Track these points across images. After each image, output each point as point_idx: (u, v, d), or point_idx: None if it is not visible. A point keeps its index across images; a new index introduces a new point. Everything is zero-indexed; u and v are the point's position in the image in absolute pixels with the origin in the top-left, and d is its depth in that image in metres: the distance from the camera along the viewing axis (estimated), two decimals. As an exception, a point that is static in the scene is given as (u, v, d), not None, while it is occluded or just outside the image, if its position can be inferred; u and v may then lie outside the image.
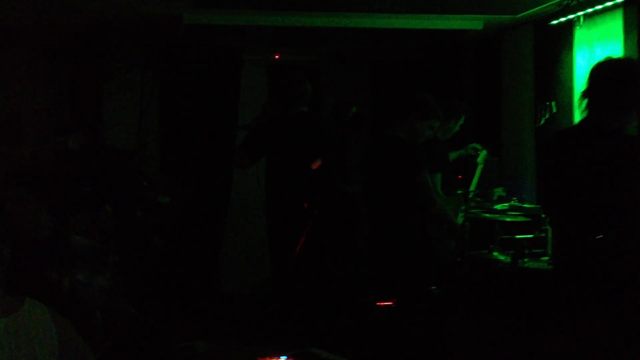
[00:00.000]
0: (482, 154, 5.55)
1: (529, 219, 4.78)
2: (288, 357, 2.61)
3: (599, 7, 4.77)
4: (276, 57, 7.62)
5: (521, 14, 5.48)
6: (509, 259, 4.50)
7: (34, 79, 6.50)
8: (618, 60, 3.20)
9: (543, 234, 4.68)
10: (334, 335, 4.01)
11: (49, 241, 3.11)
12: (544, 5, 5.19)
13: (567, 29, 5.31)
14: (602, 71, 3.07)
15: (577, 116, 5.30)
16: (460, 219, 4.93)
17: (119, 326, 3.50)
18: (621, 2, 4.64)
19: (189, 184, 5.70)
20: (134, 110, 6.29)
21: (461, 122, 5.41)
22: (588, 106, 3.09)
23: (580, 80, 5.27)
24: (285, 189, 4.45)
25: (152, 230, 5.17)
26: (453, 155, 5.61)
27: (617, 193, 2.92)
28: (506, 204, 5.12)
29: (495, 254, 4.65)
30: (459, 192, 4.98)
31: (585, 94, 3.13)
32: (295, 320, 3.96)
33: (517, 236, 4.76)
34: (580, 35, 5.22)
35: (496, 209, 5.03)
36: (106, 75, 6.37)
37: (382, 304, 3.82)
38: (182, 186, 5.44)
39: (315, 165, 3.44)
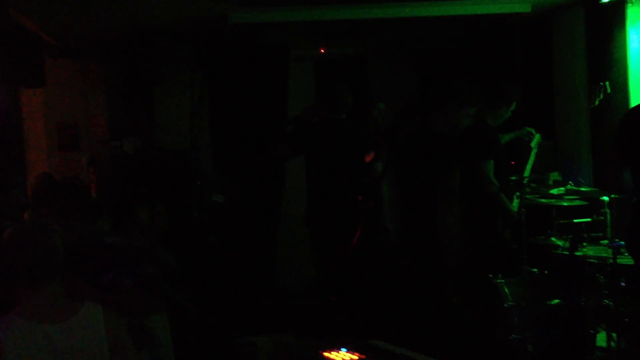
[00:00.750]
0: (536, 138, 5.45)
1: (587, 203, 4.68)
2: (348, 350, 2.62)
3: (652, -18, 4.64)
4: (322, 51, 7.63)
5: (570, -6, 5.37)
6: (567, 244, 4.42)
7: (88, 87, 6.68)
8: None
9: (602, 217, 4.58)
10: (393, 326, 4.02)
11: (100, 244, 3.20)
12: (594, -16, 5.07)
13: (619, 7, 5.17)
14: None
15: (633, 95, 5.18)
16: (515, 205, 4.87)
17: (180, 323, 3.57)
18: (675, -23, 4.50)
19: (242, 181, 5.77)
20: (185, 112, 6.40)
21: (513, 107, 5.32)
22: None
23: (634, 58, 5.13)
24: (336, 187, 4.50)
25: (208, 228, 5.26)
26: (506, 138, 5.52)
27: None
28: (562, 188, 5.02)
29: (553, 239, 4.57)
30: (513, 178, 4.91)
31: None
32: (353, 312, 3.98)
33: (575, 220, 4.67)
34: (633, 13, 5.08)
35: (552, 194, 4.94)
36: (157, 79, 6.49)
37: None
38: (235, 184, 5.51)
39: (369, 158, 3.45)
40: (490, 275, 4.24)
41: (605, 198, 4.39)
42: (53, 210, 3.44)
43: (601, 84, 5.39)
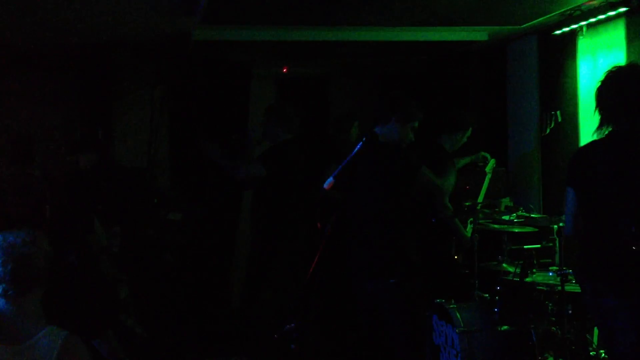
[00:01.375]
0: (491, 163, 5.57)
1: (537, 229, 4.79)
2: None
3: (602, 16, 4.80)
4: (284, 70, 7.68)
5: (525, 25, 5.51)
6: (518, 270, 4.51)
7: (44, 99, 6.58)
8: (624, 67, 3.26)
9: (551, 244, 4.69)
10: (351, 353, 4.04)
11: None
12: (548, 16, 5.21)
13: (571, 39, 5.33)
14: (613, 81, 3.15)
15: (582, 125, 5.33)
16: (469, 231, 4.96)
17: (129, 345, 3.55)
18: (624, 12, 4.66)
19: (200, 200, 5.75)
20: (145, 128, 6.36)
21: (468, 133, 5.44)
22: (609, 117, 3.15)
23: (584, 89, 5.29)
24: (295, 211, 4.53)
25: (164, 247, 5.23)
26: (461, 162, 5.63)
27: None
28: (514, 215, 5.14)
29: (504, 265, 4.66)
30: (467, 203, 5.00)
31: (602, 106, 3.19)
32: (310, 339, 3.99)
33: (525, 246, 4.77)
34: (584, 44, 5.24)
35: (504, 220, 5.05)
36: (116, 94, 6.45)
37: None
38: (193, 203, 5.49)
39: (329, 186, 3.47)
40: (443, 300, 4.31)
41: (554, 226, 4.49)
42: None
43: (552, 113, 5.54)
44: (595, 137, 3.25)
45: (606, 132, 3.19)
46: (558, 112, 5.49)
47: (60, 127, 6.53)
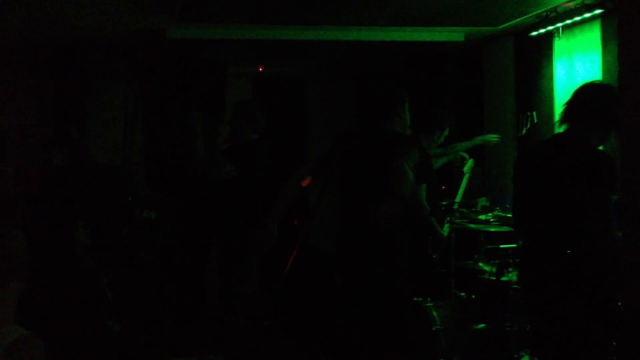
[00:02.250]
0: (469, 163, 5.59)
1: (512, 229, 4.82)
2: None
3: (578, 18, 4.85)
4: (260, 69, 7.66)
5: (501, 26, 5.55)
6: (494, 269, 4.54)
7: (18, 95, 6.49)
8: (603, 84, 3.44)
9: (517, 243, 4.73)
10: (327, 350, 4.03)
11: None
12: (524, 17, 5.26)
13: (547, 40, 5.38)
14: (589, 92, 3.29)
15: (557, 126, 5.38)
16: (446, 230, 4.97)
17: (106, 343, 3.50)
18: (599, 14, 4.71)
19: (175, 198, 5.70)
20: (119, 125, 6.29)
21: (446, 133, 5.46)
22: (570, 121, 3.26)
23: (560, 90, 5.34)
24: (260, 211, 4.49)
25: (138, 245, 5.17)
26: (439, 162, 5.64)
27: (583, 206, 3.08)
28: (490, 214, 5.17)
29: (480, 264, 4.69)
30: (444, 202, 5.02)
31: (569, 111, 3.28)
32: (286, 337, 3.97)
33: (502, 246, 4.81)
34: (560, 46, 5.30)
35: (480, 219, 5.07)
36: (90, 91, 6.37)
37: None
38: (167, 201, 5.44)
39: (305, 183, 3.46)
40: (420, 299, 4.32)
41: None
42: None
43: (528, 114, 5.59)
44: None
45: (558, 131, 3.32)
46: (534, 113, 5.54)
47: (34, 124, 6.44)
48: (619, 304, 3.07)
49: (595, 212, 3.04)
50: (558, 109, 5.31)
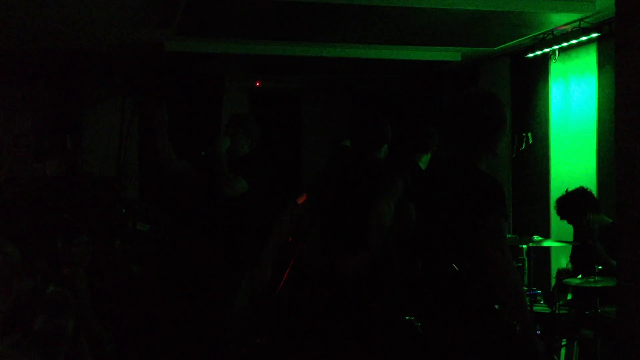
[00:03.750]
0: None
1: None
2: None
3: (574, 41, 4.88)
4: (257, 84, 7.67)
5: (498, 47, 5.58)
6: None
7: (12, 104, 6.46)
8: (463, 95, 3.15)
9: (519, 264, 4.72)
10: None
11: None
12: (521, 39, 5.29)
13: (543, 62, 5.42)
14: (456, 111, 3.06)
15: (553, 147, 5.41)
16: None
17: (97, 355, 3.47)
18: (596, 37, 4.75)
19: (168, 211, 5.67)
20: (114, 137, 6.26)
21: None
22: (451, 144, 3.03)
23: (556, 112, 5.37)
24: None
25: (131, 257, 5.14)
26: None
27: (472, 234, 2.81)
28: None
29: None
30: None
31: (447, 134, 3.14)
32: (278, 355, 3.93)
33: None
34: (556, 68, 5.33)
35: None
36: (86, 101, 6.36)
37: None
38: (161, 214, 5.42)
39: (301, 200, 3.44)
40: (411, 318, 4.29)
41: (524, 246, 4.53)
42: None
43: (524, 134, 5.61)
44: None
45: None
46: (529, 134, 5.56)
47: (29, 133, 6.41)
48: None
49: (488, 242, 2.73)
50: (553, 130, 5.38)
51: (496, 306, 2.81)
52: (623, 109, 2.81)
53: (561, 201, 4.43)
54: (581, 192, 4.38)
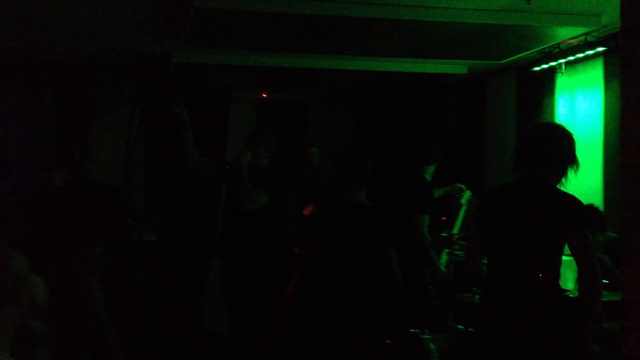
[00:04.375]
0: (466, 194, 5.58)
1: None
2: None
3: (581, 55, 4.89)
4: (264, 95, 7.71)
5: (504, 60, 5.60)
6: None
7: (21, 114, 6.51)
8: (550, 124, 3.48)
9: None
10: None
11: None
12: (527, 53, 5.31)
13: (549, 76, 5.43)
14: (539, 135, 3.27)
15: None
16: (443, 262, 4.96)
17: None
18: (602, 52, 4.76)
19: (175, 222, 5.69)
20: (121, 147, 6.31)
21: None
22: (526, 165, 3.24)
23: (562, 126, 5.37)
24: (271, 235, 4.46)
25: (137, 267, 5.16)
26: (437, 193, 5.64)
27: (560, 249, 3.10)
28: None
29: (477, 297, 4.66)
30: (444, 234, 5.01)
31: (523, 155, 3.28)
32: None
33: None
34: (562, 82, 5.34)
35: (479, 252, 5.04)
36: (94, 111, 6.40)
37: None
38: (167, 224, 5.44)
39: (307, 211, 3.46)
40: (417, 331, 4.29)
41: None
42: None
43: (530, 148, 5.60)
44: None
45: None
46: (535, 147, 5.55)
47: (36, 143, 6.45)
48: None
49: (579, 254, 3.04)
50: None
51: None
52: (629, 124, 2.81)
53: None
54: (591, 209, 4.37)
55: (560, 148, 3.19)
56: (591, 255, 3.04)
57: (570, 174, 3.25)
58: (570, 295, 3.45)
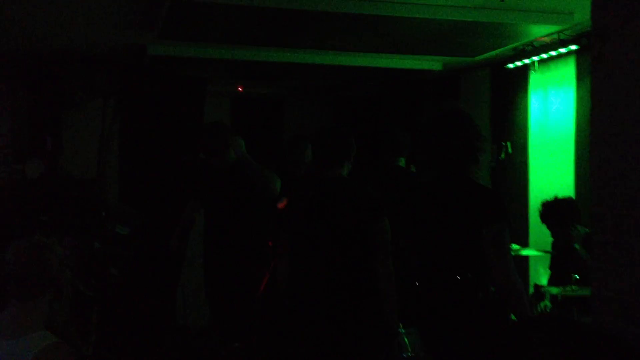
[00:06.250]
0: None
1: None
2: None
3: (553, 53, 4.96)
4: (240, 89, 7.68)
5: (479, 57, 5.65)
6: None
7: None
8: (450, 112, 3.20)
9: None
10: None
11: None
12: (501, 50, 5.36)
13: (523, 73, 5.49)
14: (436, 128, 3.11)
15: (532, 157, 5.47)
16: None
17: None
18: (574, 50, 4.83)
19: (148, 214, 5.65)
20: (95, 139, 6.24)
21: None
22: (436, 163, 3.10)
23: (535, 122, 5.44)
24: (248, 230, 4.44)
25: (109, 260, 5.11)
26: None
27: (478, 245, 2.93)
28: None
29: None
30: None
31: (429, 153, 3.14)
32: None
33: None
34: (535, 79, 5.41)
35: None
36: (67, 103, 6.33)
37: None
38: (140, 217, 5.40)
39: (282, 205, 3.43)
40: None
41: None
42: None
43: (503, 144, 5.67)
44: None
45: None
46: (509, 143, 5.63)
47: (8, 134, 6.37)
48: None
49: (493, 249, 2.89)
50: (532, 139, 5.45)
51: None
52: (598, 121, 2.87)
53: (549, 206, 4.41)
54: (569, 202, 4.42)
55: (454, 138, 3.01)
56: (501, 251, 2.89)
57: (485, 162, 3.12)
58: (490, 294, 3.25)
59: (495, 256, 2.88)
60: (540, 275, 5.06)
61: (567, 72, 5.05)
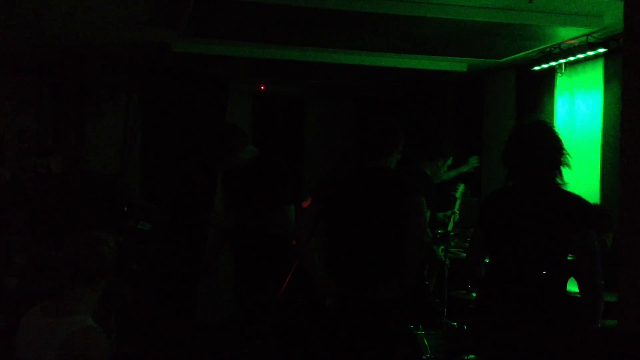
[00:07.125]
0: (460, 188, 5.58)
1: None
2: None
3: (581, 56, 4.89)
4: (262, 87, 7.70)
5: (504, 59, 5.60)
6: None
7: (18, 100, 6.47)
8: (537, 123, 3.37)
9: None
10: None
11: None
12: (527, 52, 5.31)
13: (549, 76, 5.43)
14: (530, 135, 3.26)
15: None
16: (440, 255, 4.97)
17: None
18: (603, 53, 4.76)
19: (170, 211, 5.68)
20: (118, 135, 6.28)
21: (449, 162, 5.46)
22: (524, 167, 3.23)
23: (561, 126, 5.38)
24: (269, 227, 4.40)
25: (131, 256, 5.13)
26: (452, 174, 5.67)
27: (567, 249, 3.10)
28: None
29: (473, 294, 4.67)
30: (440, 230, 5.02)
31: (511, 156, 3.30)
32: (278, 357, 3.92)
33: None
34: (562, 82, 5.34)
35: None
36: (91, 99, 6.37)
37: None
38: (163, 213, 5.42)
39: (305, 204, 3.45)
40: (411, 326, 4.30)
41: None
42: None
43: (528, 147, 5.60)
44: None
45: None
46: (533, 147, 5.56)
47: (33, 129, 6.42)
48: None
49: (582, 253, 3.04)
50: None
51: None
52: (629, 126, 2.82)
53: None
54: (598, 210, 4.34)
55: (554, 146, 3.21)
56: (593, 256, 3.03)
57: (565, 170, 3.24)
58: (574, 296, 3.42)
59: (586, 261, 3.01)
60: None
61: (594, 75, 4.99)
